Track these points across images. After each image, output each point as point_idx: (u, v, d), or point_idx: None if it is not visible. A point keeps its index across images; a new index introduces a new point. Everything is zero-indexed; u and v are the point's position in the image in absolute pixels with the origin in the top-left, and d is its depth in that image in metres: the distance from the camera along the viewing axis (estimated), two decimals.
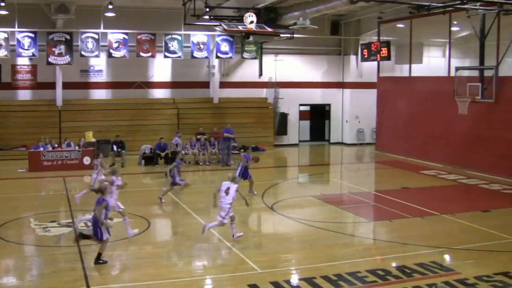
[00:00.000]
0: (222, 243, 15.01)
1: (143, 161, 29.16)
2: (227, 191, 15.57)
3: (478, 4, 22.00)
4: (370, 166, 30.96)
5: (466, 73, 27.20)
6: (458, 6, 21.80)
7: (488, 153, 25.78)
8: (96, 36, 30.75)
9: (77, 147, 28.22)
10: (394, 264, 13.19)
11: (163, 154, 28.73)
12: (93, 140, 30.25)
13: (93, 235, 13.32)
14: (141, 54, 31.55)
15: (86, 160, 27.23)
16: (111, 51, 31.10)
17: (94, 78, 33.30)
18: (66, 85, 32.12)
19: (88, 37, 30.72)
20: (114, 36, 31.03)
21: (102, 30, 30.64)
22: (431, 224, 17.43)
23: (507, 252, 14.28)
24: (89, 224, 15.87)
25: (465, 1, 20.19)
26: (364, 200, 20.95)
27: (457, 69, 26.72)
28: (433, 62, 32.07)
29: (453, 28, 29.10)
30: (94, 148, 28.42)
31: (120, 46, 31.08)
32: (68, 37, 30.53)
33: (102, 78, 33.44)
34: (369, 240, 16.39)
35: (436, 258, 13.55)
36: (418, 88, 30.78)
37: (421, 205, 19.31)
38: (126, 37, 31.14)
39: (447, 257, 14.03)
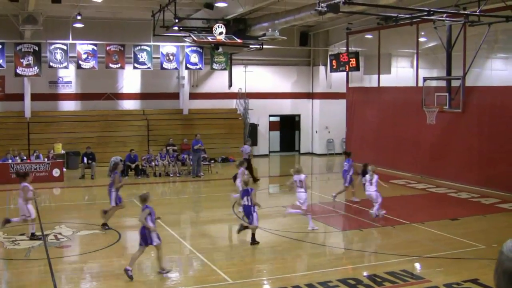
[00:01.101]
0: (193, 254, 14.98)
1: None
2: (300, 183, 17.60)
3: (444, 15, 22.28)
4: (340, 176, 31.02)
5: (433, 83, 27.49)
6: (425, 17, 22.04)
7: (456, 162, 26.07)
8: (65, 47, 30.61)
9: (46, 159, 27.99)
10: (365, 273, 13.27)
11: (133, 165, 28.61)
12: (62, 152, 30.07)
13: (144, 243, 13.55)
14: (110, 65, 31.46)
15: (56, 172, 27.03)
16: (80, 62, 30.98)
17: (63, 90, 33.10)
18: (35, 97, 31.91)
19: (56, 48, 30.56)
20: (83, 47, 30.92)
21: (70, 41, 30.53)
22: (401, 233, 17.58)
23: (475, 260, 14.44)
24: (59, 236, 15.75)
25: (431, 13, 20.42)
26: (335, 210, 21.06)
27: (425, 79, 26.99)
28: (401, 73, 32.40)
29: (421, 39, 29.44)
30: (63, 161, 28.26)
31: (89, 57, 30.98)
32: (36, 48, 30.33)
33: (71, 89, 33.25)
34: (340, 249, 16.47)
35: (407, 266, 13.66)
36: (387, 98, 31.07)
37: (390, 214, 19.46)
38: (95, 48, 31.05)
39: (417, 265, 14.16)
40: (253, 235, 15.87)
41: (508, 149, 23.69)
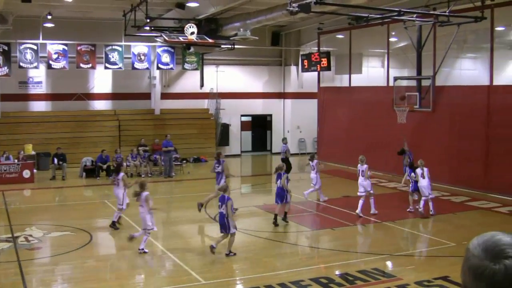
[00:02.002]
0: (166, 255, 14.95)
1: (84, 174, 28.82)
2: (362, 173, 19.71)
3: (414, 15, 22.46)
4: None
5: (404, 82, 27.67)
6: (396, 17, 22.20)
7: (427, 161, 26.18)
8: (35, 47, 30.33)
9: (16, 160, 27.71)
10: (337, 272, 13.35)
11: (104, 166, 28.45)
12: (33, 153, 29.80)
13: (222, 230, 14.70)
14: (81, 65, 31.22)
15: (26, 174, 26.80)
16: (50, 62, 30.71)
17: (33, 90, 32.79)
18: (4, 97, 31.58)
19: (26, 48, 30.27)
20: (54, 47, 30.65)
21: (41, 41, 30.27)
22: (373, 231, 17.72)
23: (445, 257, 14.59)
24: (30, 238, 15.64)
25: (402, 13, 20.57)
26: (307, 209, 21.12)
27: (396, 79, 27.18)
28: (372, 72, 32.59)
29: (391, 39, 29.66)
30: (34, 162, 28.03)
31: (60, 57, 30.71)
32: (6, 47, 30.01)
33: (42, 89, 32.95)
34: (312, 248, 16.55)
35: (378, 265, 13.77)
36: (358, 98, 31.24)
37: (362, 213, 19.58)
38: (66, 48, 30.79)
39: (388, 263, 14.27)
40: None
41: (478, 148, 23.96)
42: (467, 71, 27.82)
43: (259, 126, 39.21)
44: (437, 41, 25.40)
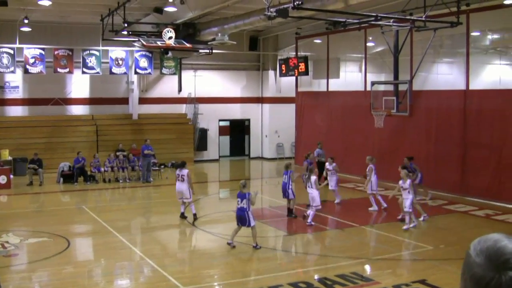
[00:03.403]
0: (144, 261, 14.89)
1: (61, 179, 28.61)
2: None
3: (391, 21, 22.60)
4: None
5: (381, 87, 27.83)
6: (373, 22, 22.32)
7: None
8: (12, 51, 30.13)
9: None
10: (316, 277, 13.39)
11: (77, 165, 28.12)
12: (9, 158, 29.56)
13: (241, 224, 15.93)
14: (59, 70, 31.05)
15: (2, 179, 26.56)
16: (27, 66, 30.50)
17: (10, 95, 32.54)
18: None
19: (3, 52, 30.06)
20: (31, 51, 30.45)
21: (17, 45, 30.07)
22: (351, 235, 17.76)
23: (423, 261, 14.68)
24: (6, 245, 15.52)
25: (379, 18, 20.69)
26: (285, 213, 21.12)
27: (373, 83, 27.31)
28: (350, 77, 32.74)
29: (369, 44, 29.81)
30: (10, 167, 27.81)
31: (37, 61, 30.52)
32: None
33: (18, 94, 32.70)
34: (291, 253, 16.57)
35: (356, 268, 13.82)
36: (336, 103, 31.36)
37: (340, 217, 19.66)
38: (43, 52, 30.60)
39: (367, 267, 14.35)
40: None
41: (454, 151, 24.15)
42: (444, 75, 28.07)
43: (237, 130, 39.22)
44: (414, 46, 25.57)
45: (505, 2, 21.67)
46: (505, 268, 1.95)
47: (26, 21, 27.69)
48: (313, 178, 18.86)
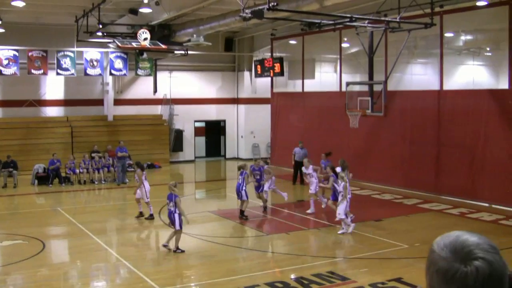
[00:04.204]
0: (120, 262, 14.85)
1: (36, 181, 28.40)
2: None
3: (366, 22, 22.75)
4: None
5: (356, 88, 27.92)
6: (348, 23, 22.46)
7: (380, 164, 26.65)
8: None
9: None
10: (292, 276, 13.45)
11: (53, 167, 27.98)
12: None
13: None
14: (33, 71, 30.78)
15: None
16: (0, 68, 30.18)
17: None
18: None
19: None
20: (4, 52, 30.14)
21: None
22: (327, 235, 17.86)
23: (398, 259, 14.81)
24: None
25: (354, 19, 20.82)
26: (261, 214, 21.18)
27: (348, 84, 27.42)
28: (325, 78, 32.84)
29: (344, 45, 29.94)
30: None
31: (11, 63, 30.21)
32: None
33: None
34: (267, 253, 16.61)
35: (333, 268, 13.91)
36: (311, 103, 31.47)
37: (316, 217, 19.75)
38: (16, 53, 30.32)
39: (343, 266, 14.42)
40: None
41: (428, 151, 24.36)
42: (418, 76, 28.29)
43: (213, 131, 39.22)
44: (389, 47, 25.75)
45: (477, 4, 21.92)
46: (469, 259, 2.03)
47: None
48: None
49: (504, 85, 22.74)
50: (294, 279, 13.14)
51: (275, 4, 17.28)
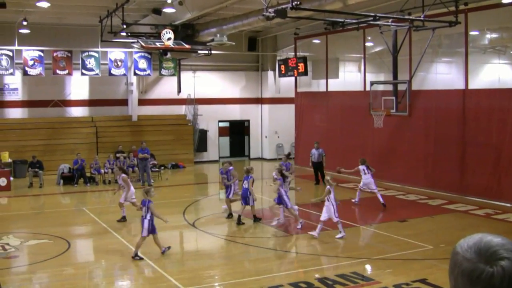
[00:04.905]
0: (144, 262, 14.89)
1: (61, 181, 28.62)
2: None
3: (389, 20, 22.62)
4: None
5: (380, 87, 27.79)
6: (371, 22, 22.34)
7: (404, 164, 26.47)
8: (11, 53, 30.08)
9: None
10: (316, 276, 13.39)
11: (76, 166, 28.17)
12: (9, 160, 29.57)
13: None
14: (58, 71, 31.00)
15: (2, 182, 26.55)
16: (26, 68, 30.47)
17: (9, 97, 32.53)
18: None
19: (2, 54, 30.00)
20: (29, 53, 30.41)
21: (16, 47, 30.01)
22: (351, 235, 17.76)
23: (423, 260, 14.70)
24: (7, 247, 15.52)
25: (377, 18, 20.71)
26: (284, 214, 21.10)
27: (372, 83, 27.29)
28: (349, 77, 32.70)
29: (367, 44, 29.80)
30: (10, 169, 27.83)
31: (36, 63, 30.47)
32: None
33: (18, 96, 32.70)
34: (291, 253, 16.58)
35: (357, 268, 13.84)
36: (335, 103, 31.37)
37: (340, 217, 19.63)
38: (41, 54, 30.56)
39: (367, 267, 14.36)
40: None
41: (453, 151, 24.15)
42: (442, 75, 28.03)
43: (237, 131, 39.22)
44: (413, 46, 25.59)
45: (503, 1, 21.67)
46: (494, 259, 2.02)
47: (24, 23, 27.68)
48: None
49: None
50: (318, 280, 13.08)
51: (298, 3, 17.22)
